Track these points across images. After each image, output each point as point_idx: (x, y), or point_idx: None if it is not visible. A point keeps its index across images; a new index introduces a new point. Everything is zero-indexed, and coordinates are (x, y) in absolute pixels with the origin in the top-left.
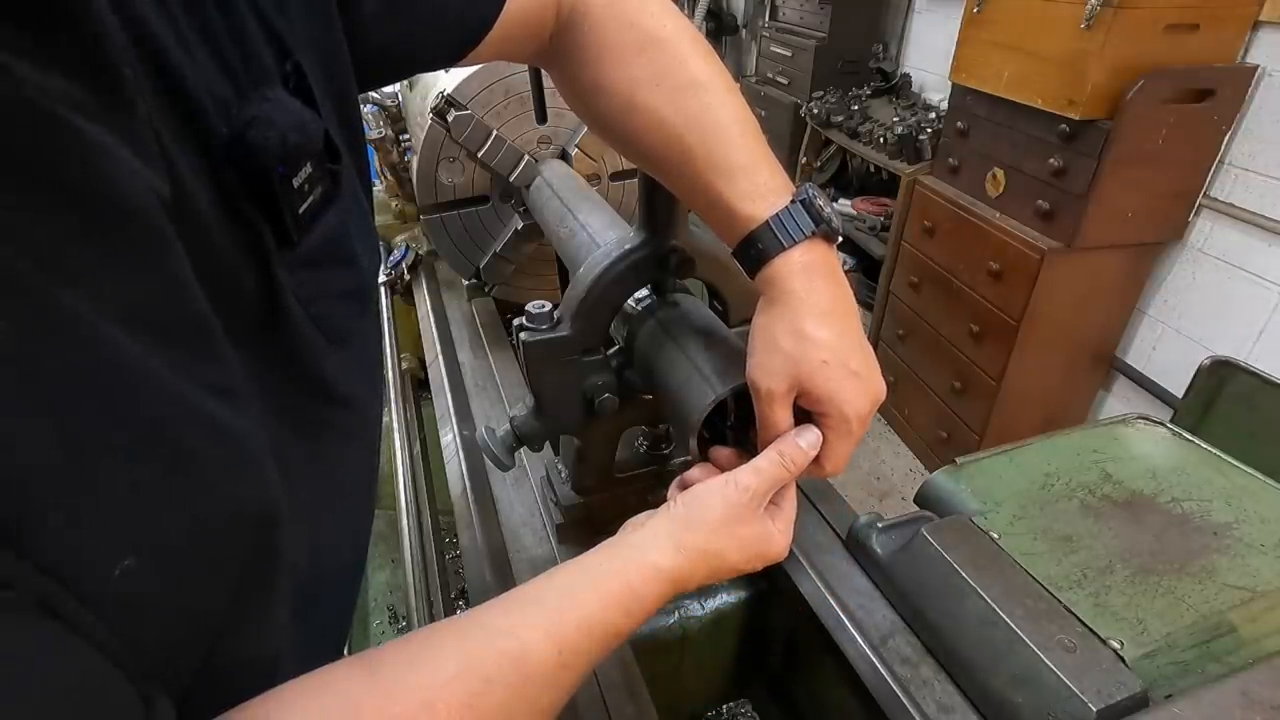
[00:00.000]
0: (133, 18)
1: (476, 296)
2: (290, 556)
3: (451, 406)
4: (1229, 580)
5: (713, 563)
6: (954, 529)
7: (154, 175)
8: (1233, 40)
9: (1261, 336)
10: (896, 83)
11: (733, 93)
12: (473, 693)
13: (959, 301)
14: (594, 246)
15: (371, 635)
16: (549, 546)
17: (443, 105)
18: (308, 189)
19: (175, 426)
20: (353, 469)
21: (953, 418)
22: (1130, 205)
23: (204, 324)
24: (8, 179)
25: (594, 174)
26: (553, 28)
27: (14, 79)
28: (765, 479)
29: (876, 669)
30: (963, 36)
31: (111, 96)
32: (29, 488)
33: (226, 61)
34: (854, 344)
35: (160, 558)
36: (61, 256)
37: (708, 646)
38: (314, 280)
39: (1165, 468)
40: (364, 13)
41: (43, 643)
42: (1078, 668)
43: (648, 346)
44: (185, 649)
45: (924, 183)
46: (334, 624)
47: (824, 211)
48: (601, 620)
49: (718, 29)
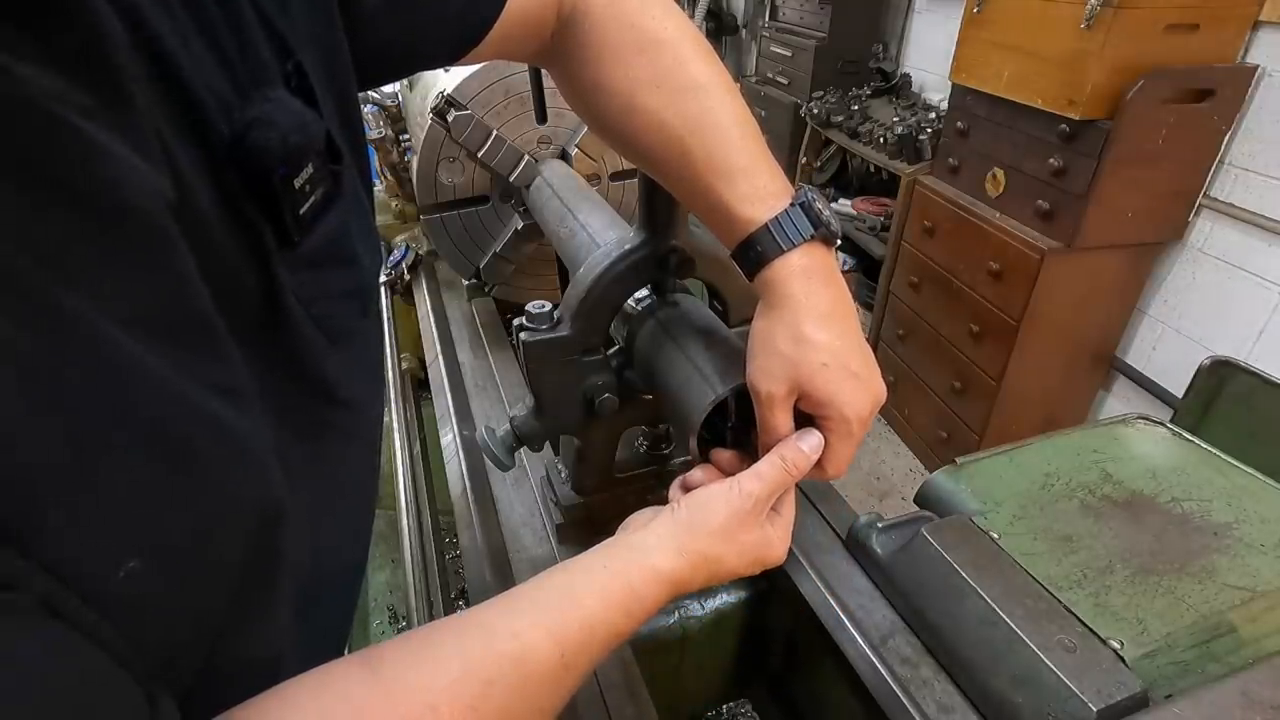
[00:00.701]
0: (132, 16)
1: (476, 296)
2: (292, 556)
3: (451, 406)
4: (1229, 580)
5: (713, 567)
6: (954, 529)
7: (156, 175)
8: (1233, 40)
9: (1261, 336)
10: (896, 83)
11: (733, 95)
12: (476, 695)
13: (959, 301)
14: (594, 246)
15: (371, 635)
16: (549, 546)
17: (443, 105)
18: (309, 189)
19: (179, 426)
20: (354, 469)
21: (953, 418)
22: (1130, 205)
23: (207, 324)
24: (8, 178)
25: (594, 174)
26: (553, 27)
27: (13, 78)
28: (768, 484)
29: (876, 669)
30: (963, 36)
31: (111, 95)
32: (32, 487)
33: (228, 61)
34: (853, 346)
35: (164, 558)
36: (63, 256)
37: (708, 646)
38: (315, 280)
39: (1165, 468)
40: (365, 9)
41: (48, 643)
42: (1078, 668)
43: (648, 346)
44: (188, 649)
45: (924, 183)
46: (335, 624)
47: (823, 215)
48: (603, 621)
49: (718, 29)
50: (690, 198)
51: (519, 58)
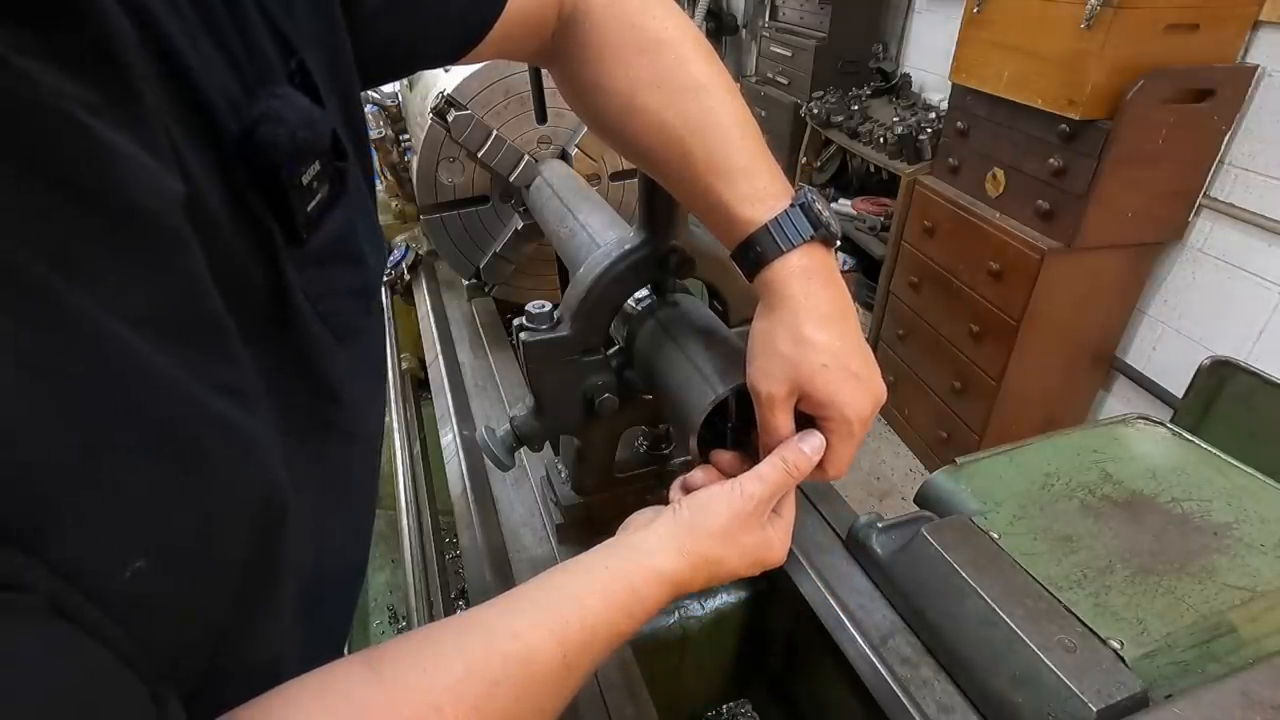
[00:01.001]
0: (141, 15)
1: (476, 296)
2: (295, 556)
3: (451, 406)
4: (1229, 580)
5: (714, 568)
6: (954, 529)
7: (167, 173)
8: (1233, 40)
9: (1261, 336)
10: (896, 83)
11: (733, 95)
12: (480, 695)
13: (959, 301)
14: (594, 246)
15: (371, 635)
16: (549, 546)
17: (443, 105)
18: (315, 186)
19: (187, 426)
20: (356, 468)
21: (953, 418)
22: (1130, 205)
23: (218, 323)
24: (19, 179)
25: (594, 174)
26: (554, 26)
27: (30, 81)
28: (770, 486)
29: (876, 669)
30: (963, 36)
31: (120, 94)
32: (38, 486)
33: (236, 61)
34: (853, 347)
35: (171, 558)
36: (70, 254)
37: (708, 646)
38: (322, 278)
39: (1165, 468)
40: (367, 9)
41: (54, 643)
42: (1078, 668)
43: (648, 346)
44: (194, 649)
45: (924, 183)
46: (337, 624)
47: (822, 216)
48: (605, 621)
49: (718, 29)
50: (690, 198)
51: (519, 57)
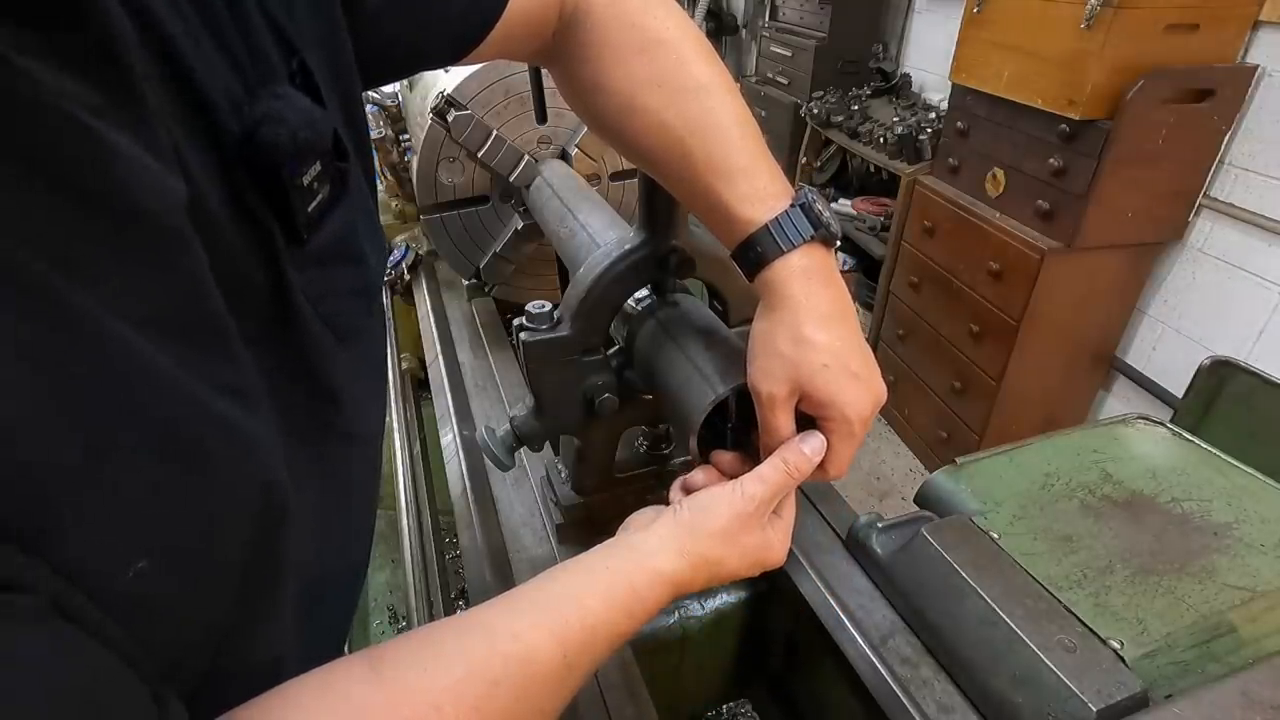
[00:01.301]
0: (144, 17)
1: (476, 296)
2: (296, 556)
3: (451, 406)
4: (1229, 580)
5: (714, 569)
6: (954, 529)
7: (169, 174)
8: (1233, 40)
9: (1261, 336)
10: (896, 83)
11: (734, 95)
12: (480, 695)
13: (959, 301)
14: (594, 246)
15: (371, 635)
16: (549, 546)
17: (443, 105)
18: (316, 187)
19: (190, 427)
20: (357, 468)
21: (953, 418)
22: (1130, 205)
23: (219, 324)
24: (20, 179)
25: (594, 174)
26: (555, 26)
27: (32, 81)
28: (770, 487)
29: (876, 669)
30: (963, 36)
31: (122, 95)
32: (40, 486)
33: (236, 60)
34: (853, 347)
35: (173, 558)
36: (75, 256)
37: (708, 646)
38: (323, 278)
39: (1165, 468)
40: (368, 9)
41: (56, 644)
42: (1078, 668)
43: (648, 346)
44: (196, 649)
45: (924, 183)
46: (337, 624)
47: (822, 216)
48: (605, 621)
49: (718, 29)
50: (690, 198)
51: (520, 57)
